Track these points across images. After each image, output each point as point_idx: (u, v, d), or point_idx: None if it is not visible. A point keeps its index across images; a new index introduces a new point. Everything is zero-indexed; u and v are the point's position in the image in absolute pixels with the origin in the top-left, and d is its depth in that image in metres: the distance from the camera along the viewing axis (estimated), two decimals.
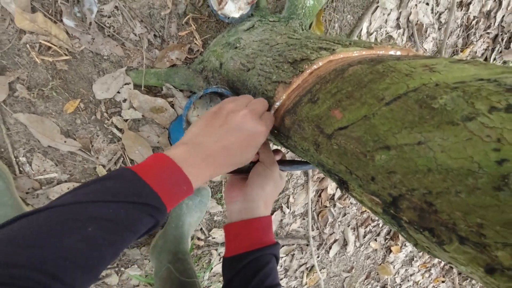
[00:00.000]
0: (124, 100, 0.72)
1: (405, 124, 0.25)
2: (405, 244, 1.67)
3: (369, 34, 0.97)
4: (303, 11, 0.71)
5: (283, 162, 0.48)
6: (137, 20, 0.66)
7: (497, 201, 0.19)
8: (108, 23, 0.64)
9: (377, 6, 0.93)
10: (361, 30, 0.94)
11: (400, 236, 1.58)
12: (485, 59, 1.30)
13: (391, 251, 1.60)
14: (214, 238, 1.02)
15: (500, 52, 1.33)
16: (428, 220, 0.23)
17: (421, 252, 1.78)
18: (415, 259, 1.77)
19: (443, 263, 1.88)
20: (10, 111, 0.63)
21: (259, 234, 0.43)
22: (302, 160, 0.50)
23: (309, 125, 0.36)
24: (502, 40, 1.29)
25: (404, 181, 0.24)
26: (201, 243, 1.01)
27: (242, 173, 0.47)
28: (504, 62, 1.39)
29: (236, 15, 0.68)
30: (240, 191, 0.45)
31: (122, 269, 0.92)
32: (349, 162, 0.30)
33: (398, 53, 0.38)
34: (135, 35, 0.67)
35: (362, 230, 1.40)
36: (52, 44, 0.61)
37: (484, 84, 0.23)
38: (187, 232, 0.86)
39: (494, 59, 1.34)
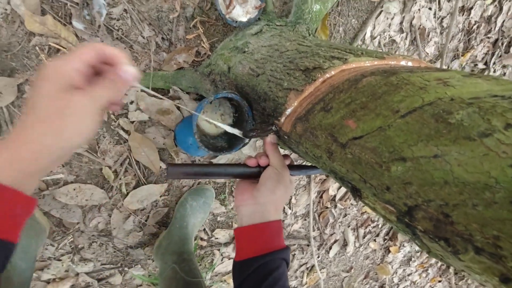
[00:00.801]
0: (131, 102, 0.73)
1: (421, 137, 0.26)
2: (403, 245, 1.69)
3: (372, 38, 0.98)
4: (310, 15, 0.72)
5: (292, 167, 0.49)
6: (145, 23, 0.66)
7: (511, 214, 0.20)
8: (116, 25, 0.64)
9: (381, 11, 0.94)
10: (365, 34, 0.95)
11: (398, 236, 1.60)
12: (485, 63, 1.32)
13: (389, 251, 1.62)
14: (217, 238, 1.03)
15: (500, 56, 1.35)
16: (444, 230, 0.24)
17: (419, 253, 1.81)
18: (412, 259, 1.79)
19: (440, 263, 1.91)
20: (19, 113, 0.63)
21: (269, 239, 0.44)
22: (311, 165, 0.51)
23: (322, 133, 0.37)
24: (502, 44, 1.30)
25: (420, 192, 0.25)
26: (204, 243, 1.02)
27: (252, 177, 0.48)
28: (504, 66, 1.40)
29: (244, 19, 0.69)
30: (250, 195, 0.45)
31: (126, 269, 0.93)
32: (364, 171, 0.31)
33: (410, 63, 0.39)
34: (143, 37, 0.67)
35: (362, 231, 1.42)
36: (61, 46, 0.61)
37: (499, 100, 0.24)
38: (191, 232, 0.87)
39: (494, 63, 1.35)
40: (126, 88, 0.33)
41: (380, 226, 1.50)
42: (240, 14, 0.69)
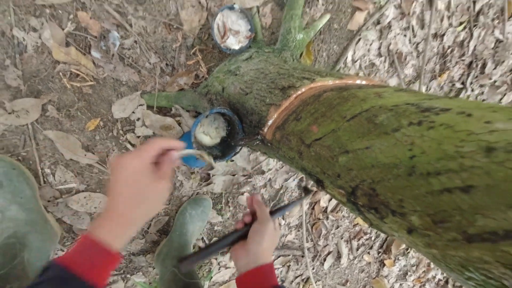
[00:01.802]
0: (138, 119, 0.83)
1: (359, 135, 0.35)
2: (398, 258, 1.73)
3: (354, 61, 1.09)
4: (294, 43, 0.83)
5: (273, 212, 0.58)
6: (152, 52, 0.77)
7: (409, 183, 0.28)
8: (128, 54, 0.75)
9: (360, 38, 1.06)
10: (347, 58, 1.07)
11: (392, 248, 1.64)
12: (462, 83, 1.43)
13: (384, 264, 1.66)
14: None
15: (476, 77, 1.46)
16: (373, 201, 0.33)
17: (414, 266, 1.84)
18: (409, 273, 1.82)
19: (437, 278, 1.93)
20: (41, 129, 0.73)
21: (261, 279, 0.52)
22: (287, 203, 0.63)
23: (294, 138, 0.46)
24: (477, 66, 1.42)
25: (358, 175, 0.34)
26: None
27: (245, 237, 0.56)
28: (481, 86, 1.52)
29: (236, 47, 0.80)
30: (243, 250, 0.54)
31: (128, 275, 0.99)
32: (323, 164, 0.40)
33: (363, 82, 0.49)
34: (150, 64, 0.78)
35: (355, 243, 1.47)
36: (80, 72, 0.71)
37: (410, 107, 0.33)
38: (190, 239, 0.94)
39: (471, 82, 1.47)
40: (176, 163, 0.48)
41: (373, 238, 1.56)
42: (233, 43, 0.80)
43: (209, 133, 0.69)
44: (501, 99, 1.62)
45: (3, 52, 0.65)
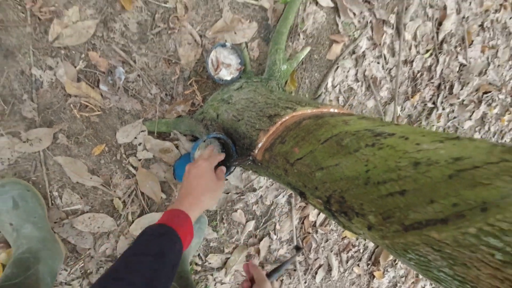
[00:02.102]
0: (140, 144, 0.91)
1: (330, 155, 0.45)
2: (387, 270, 1.79)
3: (333, 86, 1.22)
4: (279, 74, 0.94)
5: (269, 275, 0.67)
6: (153, 84, 0.87)
7: (366, 190, 0.37)
8: (131, 86, 0.84)
9: (338, 66, 1.18)
10: (327, 84, 1.19)
11: (381, 260, 1.71)
12: (433, 103, 1.57)
13: (374, 276, 1.72)
14: (210, 263, 1.15)
15: (446, 97, 1.61)
16: (343, 207, 0.41)
17: (403, 278, 1.90)
18: (398, 284, 1.88)
19: None
20: (52, 155, 0.80)
21: None
22: (281, 264, 0.73)
23: (280, 158, 0.55)
24: (445, 87, 1.58)
25: (330, 186, 0.43)
26: (199, 268, 1.13)
27: None
28: (451, 105, 1.67)
29: (228, 78, 0.90)
30: None
31: None
32: (304, 179, 0.49)
33: (336, 110, 0.59)
34: (151, 94, 0.88)
35: (344, 256, 1.54)
36: (89, 103, 0.80)
37: (366, 132, 0.43)
38: (188, 254, 0.99)
39: (442, 102, 1.61)
40: None
41: (361, 251, 1.63)
42: (226, 74, 0.91)
43: None
44: (470, 115, 1.77)
45: (22, 88, 0.73)
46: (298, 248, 0.74)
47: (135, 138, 0.89)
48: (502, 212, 0.25)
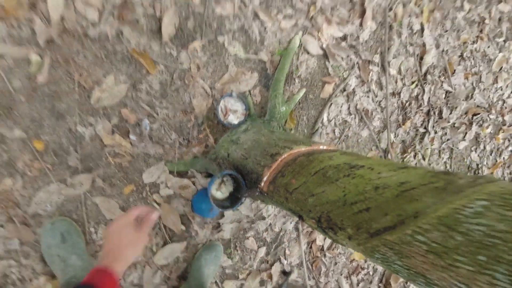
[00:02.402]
0: (162, 182, 1.05)
1: (318, 184, 0.58)
2: None
3: (329, 121, 1.37)
4: (279, 115, 1.10)
5: None
6: (172, 131, 1.03)
7: (344, 210, 0.50)
8: (155, 134, 1.01)
9: (331, 103, 1.34)
10: (323, 119, 1.34)
11: (391, 281, 1.74)
12: (425, 128, 1.70)
13: None
14: None
15: (436, 121, 1.74)
16: (331, 224, 0.54)
17: None
18: None
19: None
20: (90, 196, 0.94)
21: None
22: None
23: (281, 189, 0.68)
24: (434, 113, 1.71)
25: (320, 209, 0.56)
26: None
27: None
28: (443, 128, 1.79)
29: (236, 122, 1.06)
30: None
31: None
32: (300, 204, 0.62)
33: (324, 147, 0.73)
34: (171, 139, 1.03)
35: (354, 278, 1.59)
36: (121, 151, 0.96)
37: (345, 165, 0.56)
38: (206, 281, 1.09)
39: (433, 126, 1.74)
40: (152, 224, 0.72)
41: (371, 273, 1.68)
42: (233, 119, 1.07)
43: (220, 189, 0.91)
44: (464, 136, 1.88)
45: (68, 142, 0.90)
46: (285, 273, 0.83)
47: (158, 177, 1.04)
48: (425, 218, 0.38)
